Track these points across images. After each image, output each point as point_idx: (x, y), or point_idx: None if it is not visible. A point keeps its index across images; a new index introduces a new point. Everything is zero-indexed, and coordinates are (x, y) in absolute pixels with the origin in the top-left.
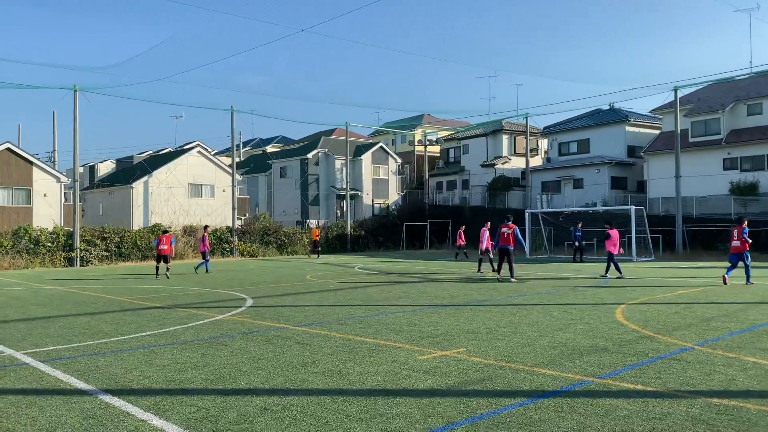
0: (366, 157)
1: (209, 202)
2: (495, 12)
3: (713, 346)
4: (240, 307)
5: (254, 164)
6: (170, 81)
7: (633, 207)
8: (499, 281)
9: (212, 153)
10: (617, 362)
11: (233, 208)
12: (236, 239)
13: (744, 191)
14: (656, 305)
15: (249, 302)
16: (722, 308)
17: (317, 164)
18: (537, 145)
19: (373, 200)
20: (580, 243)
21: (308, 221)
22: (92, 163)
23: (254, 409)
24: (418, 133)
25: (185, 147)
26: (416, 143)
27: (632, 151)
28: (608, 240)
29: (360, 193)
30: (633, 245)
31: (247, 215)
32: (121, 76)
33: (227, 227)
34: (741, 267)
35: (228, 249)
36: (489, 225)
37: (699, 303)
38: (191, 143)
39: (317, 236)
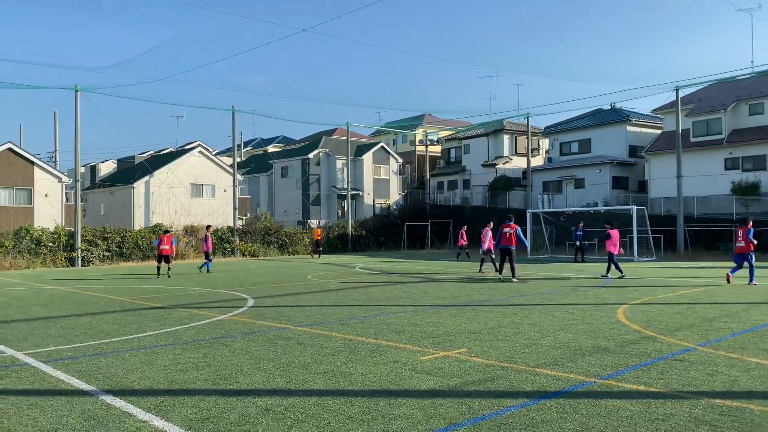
0: (367, 157)
1: (210, 202)
2: (495, 12)
3: (716, 347)
4: (241, 307)
5: (255, 164)
6: (171, 81)
7: (634, 207)
8: (501, 281)
9: (213, 153)
10: (619, 363)
11: (234, 208)
12: (237, 239)
13: (746, 191)
14: (658, 305)
15: (250, 302)
16: (724, 308)
17: (318, 164)
18: (538, 145)
19: (374, 200)
20: (582, 243)
21: (309, 221)
22: (93, 163)
23: (256, 410)
24: (419, 133)
25: (186, 147)
26: (417, 143)
27: (633, 151)
28: (608, 240)
29: (361, 193)
30: (634, 245)
31: (249, 215)
32: (123, 76)
33: (228, 227)
34: (746, 267)
35: (229, 249)
36: (491, 225)
37: (701, 303)
38: (192, 143)
39: (319, 236)
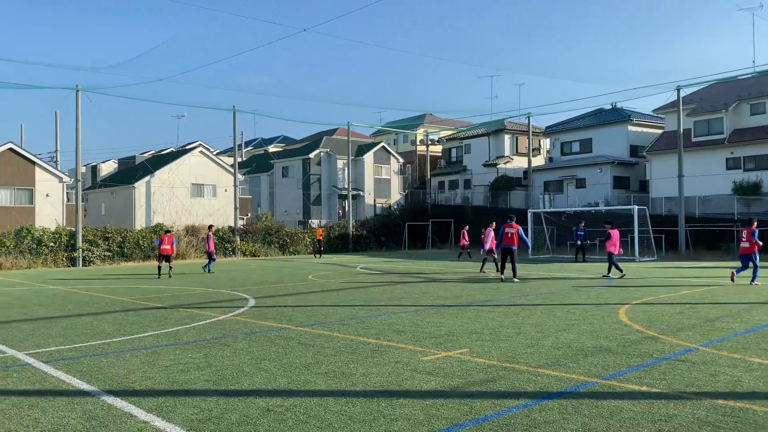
0: (368, 157)
1: (211, 202)
2: (495, 12)
3: (718, 347)
4: (242, 308)
5: (256, 164)
6: (172, 81)
7: (636, 207)
8: (503, 281)
9: (214, 153)
10: (621, 363)
11: (235, 208)
12: (238, 239)
13: (747, 191)
14: (660, 305)
15: (251, 302)
16: (726, 308)
17: (319, 164)
18: (539, 145)
19: (375, 200)
20: (583, 242)
21: (310, 221)
22: (94, 163)
23: (257, 411)
24: (420, 133)
25: (187, 147)
26: (418, 143)
27: (635, 151)
28: (609, 240)
29: (362, 193)
30: (636, 245)
31: (249, 215)
32: (124, 76)
33: (229, 227)
34: (751, 267)
35: (230, 249)
36: (494, 225)
37: (703, 303)
38: (193, 143)
39: (321, 236)
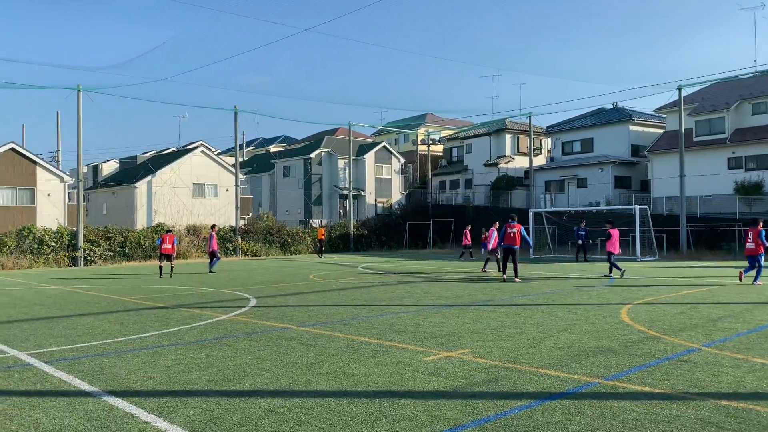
0: (369, 157)
1: (212, 202)
2: (495, 12)
3: (720, 347)
4: (243, 307)
5: (257, 164)
6: (173, 81)
7: (637, 206)
8: (504, 281)
9: (216, 153)
10: (624, 363)
11: (236, 208)
12: (239, 239)
13: (749, 190)
14: (662, 305)
15: (252, 302)
16: (728, 308)
17: (320, 164)
18: (540, 145)
19: (376, 200)
20: (585, 242)
21: (311, 221)
22: (96, 163)
23: (259, 411)
24: (421, 133)
25: (189, 147)
26: (419, 142)
27: (636, 151)
28: (609, 240)
29: (363, 193)
30: (637, 245)
31: (251, 215)
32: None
33: (230, 227)
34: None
35: (231, 248)
36: (497, 225)
37: (705, 303)
38: (195, 143)
39: (323, 235)
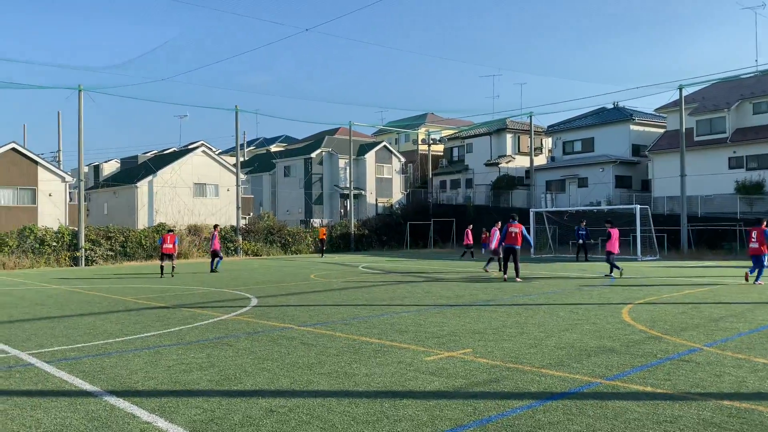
0: (369, 156)
1: (214, 202)
2: (495, 12)
3: (722, 347)
4: (245, 307)
5: (258, 164)
6: (174, 81)
7: (638, 206)
8: (505, 281)
9: (217, 152)
10: (625, 363)
11: (237, 208)
12: (240, 238)
13: (750, 190)
14: (663, 305)
15: (253, 302)
16: (730, 308)
17: (321, 163)
18: (541, 144)
19: (377, 199)
20: (586, 241)
21: (312, 220)
22: (97, 163)
23: (260, 411)
24: (422, 132)
25: (190, 147)
26: (420, 142)
27: (637, 150)
28: (609, 240)
29: (363, 192)
30: (638, 244)
31: (251, 214)
32: (126, 76)
33: (231, 226)
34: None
35: (232, 248)
36: (499, 224)
37: (706, 303)
38: (196, 143)
39: (324, 235)
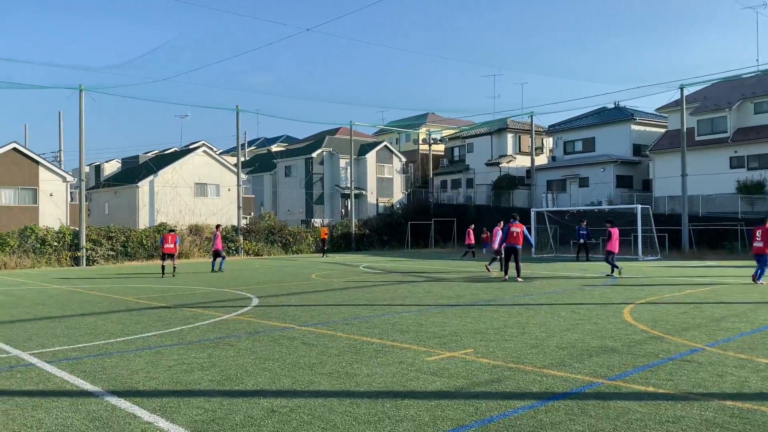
0: (370, 156)
1: (215, 202)
2: (495, 12)
3: (724, 347)
4: (246, 307)
5: (259, 163)
6: (175, 81)
7: (639, 206)
8: (506, 281)
9: (218, 152)
10: (627, 363)
11: (238, 208)
12: (241, 238)
13: (751, 190)
14: (664, 305)
15: (255, 302)
16: (731, 308)
17: (322, 163)
18: (542, 144)
19: (378, 199)
20: (587, 241)
21: (313, 220)
22: (98, 163)
23: (261, 411)
24: (423, 132)
25: (191, 146)
26: (420, 142)
27: (638, 150)
28: (609, 240)
29: (364, 192)
30: (639, 244)
31: (252, 214)
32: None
33: (232, 226)
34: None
35: (233, 248)
36: (501, 224)
37: (708, 303)
38: (197, 143)
39: (326, 235)
